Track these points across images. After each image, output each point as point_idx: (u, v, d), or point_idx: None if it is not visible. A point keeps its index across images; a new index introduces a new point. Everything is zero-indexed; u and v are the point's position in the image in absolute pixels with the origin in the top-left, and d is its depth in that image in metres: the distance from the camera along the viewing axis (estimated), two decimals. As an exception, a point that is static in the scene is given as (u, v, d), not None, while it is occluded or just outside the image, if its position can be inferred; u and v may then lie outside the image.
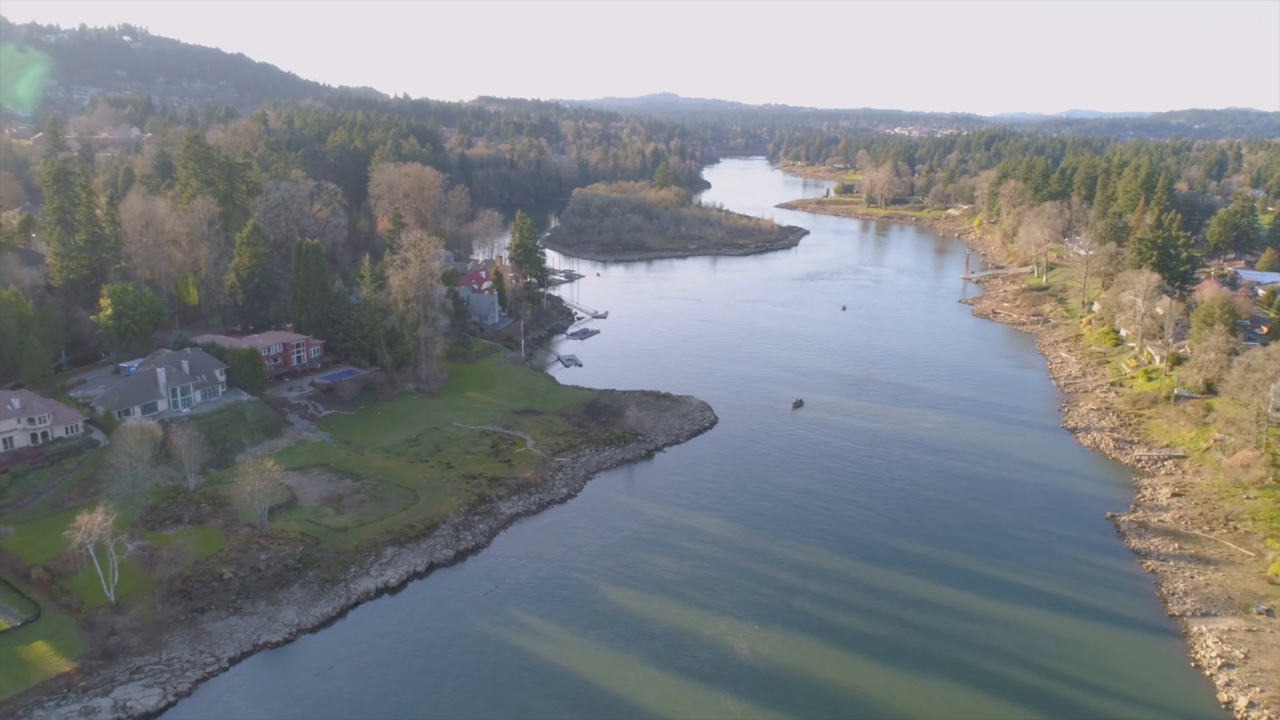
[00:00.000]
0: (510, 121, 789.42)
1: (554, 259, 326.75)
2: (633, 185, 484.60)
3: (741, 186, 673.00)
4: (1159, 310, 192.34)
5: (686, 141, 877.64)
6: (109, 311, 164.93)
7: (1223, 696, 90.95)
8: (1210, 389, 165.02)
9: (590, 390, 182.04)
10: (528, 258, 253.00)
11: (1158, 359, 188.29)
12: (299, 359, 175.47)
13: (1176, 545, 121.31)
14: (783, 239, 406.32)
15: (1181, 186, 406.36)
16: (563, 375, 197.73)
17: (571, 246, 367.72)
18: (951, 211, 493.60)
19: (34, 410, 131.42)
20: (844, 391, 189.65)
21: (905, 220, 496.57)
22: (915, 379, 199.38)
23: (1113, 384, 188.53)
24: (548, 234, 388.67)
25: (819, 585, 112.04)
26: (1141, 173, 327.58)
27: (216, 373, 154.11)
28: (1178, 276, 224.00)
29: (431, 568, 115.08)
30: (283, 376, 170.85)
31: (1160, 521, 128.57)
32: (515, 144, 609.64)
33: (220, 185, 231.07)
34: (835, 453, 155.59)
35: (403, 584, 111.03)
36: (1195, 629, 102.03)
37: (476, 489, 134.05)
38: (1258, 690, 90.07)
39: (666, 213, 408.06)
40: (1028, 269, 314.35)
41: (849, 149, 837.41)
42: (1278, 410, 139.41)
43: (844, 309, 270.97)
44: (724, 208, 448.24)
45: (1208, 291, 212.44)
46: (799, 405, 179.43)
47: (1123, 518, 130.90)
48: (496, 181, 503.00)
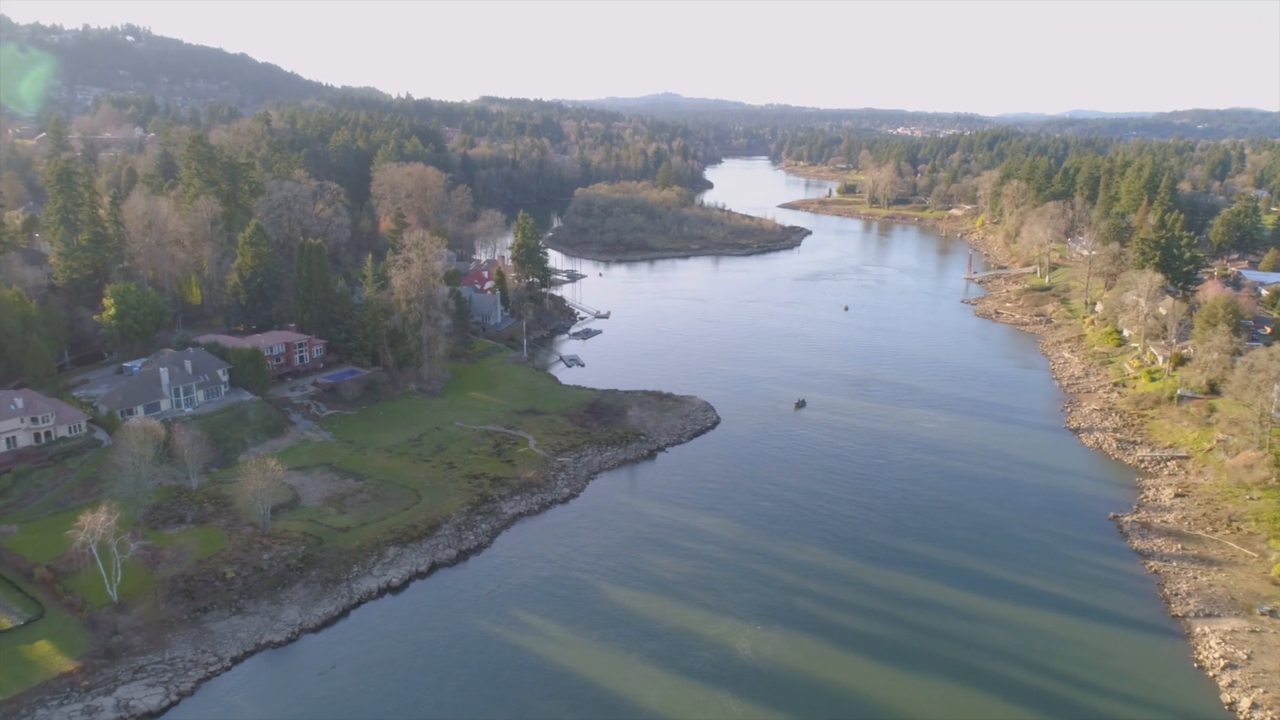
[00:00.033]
0: (513, 121, 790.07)
1: (556, 259, 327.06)
2: (635, 185, 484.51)
3: (744, 186, 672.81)
4: (1162, 310, 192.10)
5: (689, 141, 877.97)
6: (112, 311, 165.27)
7: (1226, 698, 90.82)
8: (1213, 389, 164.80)
9: (592, 390, 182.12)
10: (530, 258, 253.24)
11: (1161, 359, 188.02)
12: (301, 359, 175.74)
13: (1179, 546, 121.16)
14: (785, 239, 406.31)
15: (1185, 187, 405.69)
16: (565, 375, 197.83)
17: (574, 246, 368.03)
18: (954, 212, 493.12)
19: (37, 410, 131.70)
20: (846, 392, 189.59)
21: (908, 220, 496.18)
22: (917, 379, 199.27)
23: (1116, 384, 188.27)
24: (550, 234, 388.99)
25: (821, 585, 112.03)
26: (1145, 173, 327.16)
27: (219, 372, 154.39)
28: (1181, 277, 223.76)
29: (434, 567, 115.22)
30: (285, 376, 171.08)
31: (1163, 522, 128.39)
32: (518, 144, 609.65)
33: (223, 185, 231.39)
34: (837, 453, 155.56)
35: (405, 583, 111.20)
36: (1198, 630, 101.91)
37: (479, 489, 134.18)
38: (1261, 691, 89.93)
39: (669, 213, 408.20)
40: (1030, 269, 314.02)
41: (851, 149, 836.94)
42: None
43: (846, 309, 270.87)
44: (726, 208, 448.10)
45: (1211, 292, 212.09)
46: (801, 405, 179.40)
47: (1125, 518, 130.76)
48: (499, 181, 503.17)
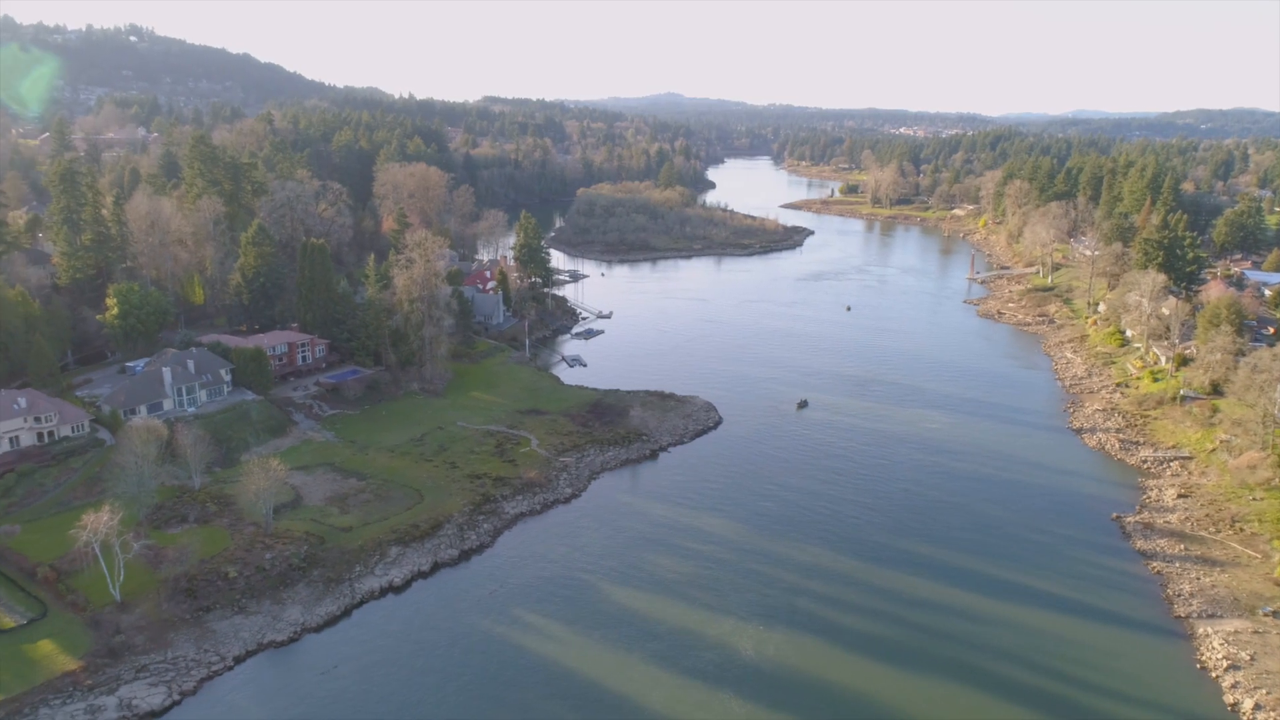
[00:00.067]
0: (515, 121, 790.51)
1: (559, 259, 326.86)
2: (637, 185, 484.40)
3: (746, 186, 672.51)
4: (1165, 311, 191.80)
5: (691, 141, 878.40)
6: (115, 311, 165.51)
7: (1228, 698, 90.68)
8: (1216, 390, 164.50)
9: (595, 390, 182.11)
10: (532, 258, 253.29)
11: (1163, 360, 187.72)
12: (304, 358, 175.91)
13: (1182, 547, 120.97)
14: (787, 239, 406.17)
15: (1188, 187, 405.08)
16: (567, 375, 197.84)
17: (576, 246, 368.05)
18: (957, 212, 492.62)
19: (40, 409, 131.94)
20: (848, 392, 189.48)
21: (910, 220, 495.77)
22: (920, 379, 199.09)
23: (1118, 385, 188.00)
24: (552, 234, 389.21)
25: (823, 586, 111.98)
26: (1148, 173, 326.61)
27: (222, 372, 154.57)
28: (1184, 277, 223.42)
29: (436, 567, 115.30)
30: (288, 376, 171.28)
31: (1166, 523, 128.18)
32: (520, 144, 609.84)
33: (226, 185, 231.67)
34: (840, 453, 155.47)
35: (407, 583, 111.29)
36: (1201, 630, 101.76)
37: (481, 489, 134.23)
38: (1264, 692, 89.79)
39: (671, 213, 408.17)
40: (1033, 269, 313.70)
41: (854, 149, 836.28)
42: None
43: (849, 309, 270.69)
44: (728, 208, 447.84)
45: (1214, 292, 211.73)
46: (803, 406, 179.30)
47: (1128, 519, 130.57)
48: (501, 181, 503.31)
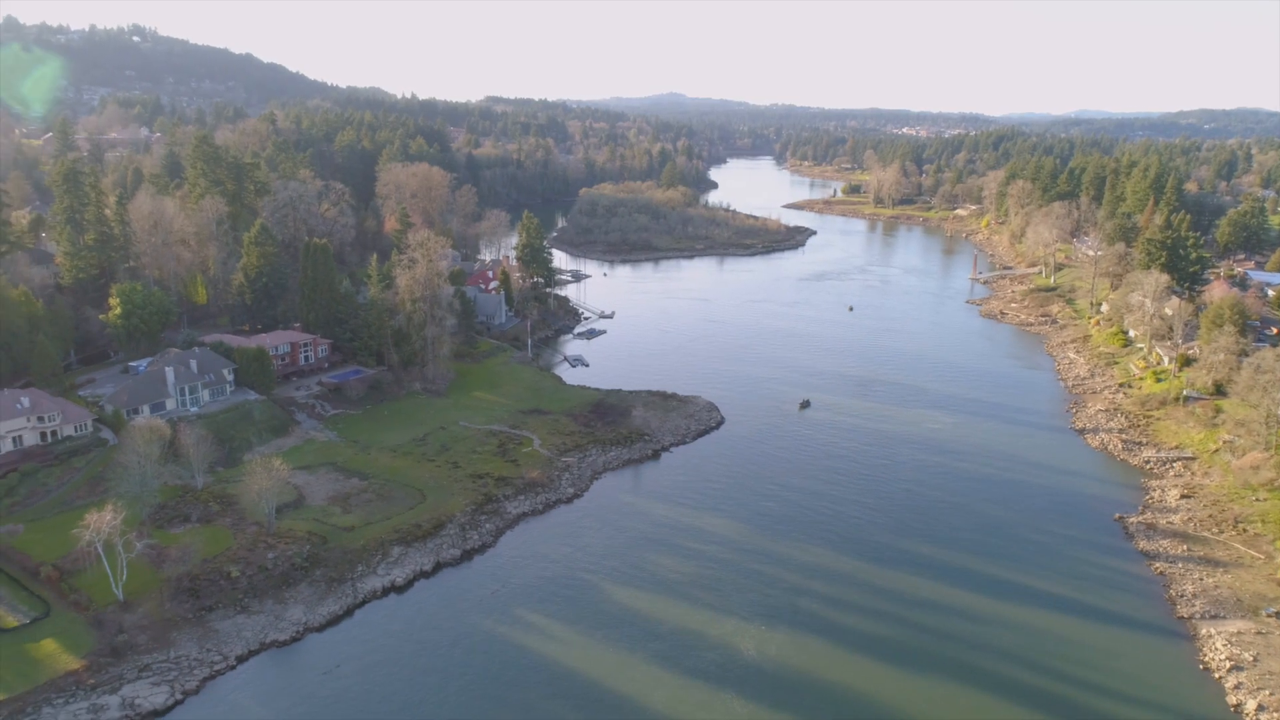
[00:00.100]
0: (517, 121, 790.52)
1: (561, 259, 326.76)
2: (639, 185, 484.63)
3: (748, 186, 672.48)
4: (1168, 311, 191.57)
5: (693, 141, 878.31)
6: (118, 311, 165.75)
7: (1231, 699, 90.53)
8: (1219, 390, 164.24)
9: (597, 390, 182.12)
10: (535, 258, 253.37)
11: (1166, 360, 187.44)
12: (306, 358, 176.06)
13: (1185, 547, 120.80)
14: (790, 239, 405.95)
15: (1191, 187, 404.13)
16: (569, 375, 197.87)
17: (578, 246, 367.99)
18: (959, 212, 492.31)
19: (43, 409, 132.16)
20: (851, 392, 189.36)
21: (913, 220, 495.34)
22: (922, 379, 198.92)
23: (1121, 385, 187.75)
24: (554, 234, 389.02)
25: (825, 586, 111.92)
26: (1150, 173, 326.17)
27: (224, 372, 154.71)
28: (1187, 277, 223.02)
29: (438, 567, 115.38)
30: (290, 376, 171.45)
31: (1169, 523, 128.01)
32: (522, 144, 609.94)
33: (228, 185, 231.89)
34: (842, 453, 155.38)
35: (409, 583, 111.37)
36: (1204, 631, 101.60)
37: (483, 488, 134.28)
38: (1267, 693, 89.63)
39: (673, 213, 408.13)
40: (1036, 269, 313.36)
41: (856, 149, 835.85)
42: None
43: (851, 309, 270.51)
44: (731, 208, 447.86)
45: (1217, 292, 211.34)
46: (806, 406, 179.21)
47: (1131, 519, 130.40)
48: (503, 181, 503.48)
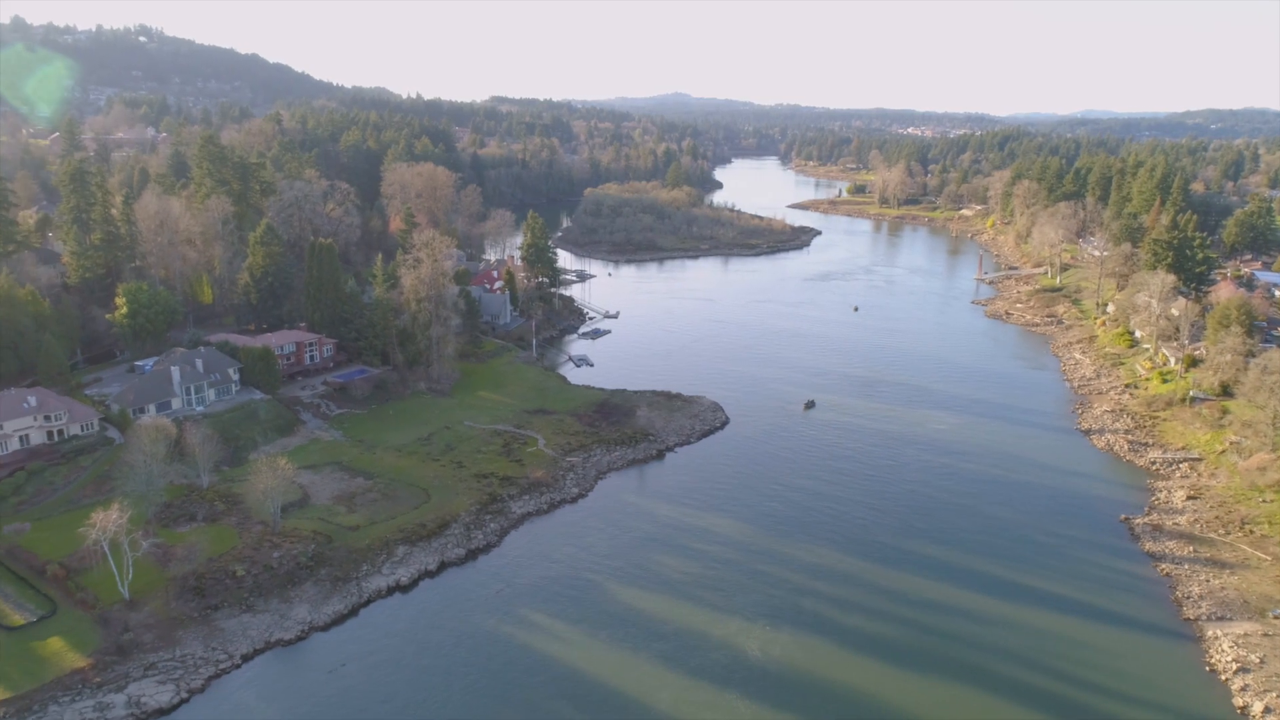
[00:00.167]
0: (522, 121, 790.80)
1: (566, 259, 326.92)
2: (644, 185, 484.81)
3: (753, 187, 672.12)
4: (1174, 311, 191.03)
5: (698, 141, 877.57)
6: (124, 310, 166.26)
7: (1238, 701, 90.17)
8: (1226, 391, 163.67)
9: (601, 390, 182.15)
10: (539, 257, 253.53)
11: (1173, 361, 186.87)
12: (312, 358, 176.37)
13: (1191, 548, 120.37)
14: (795, 239, 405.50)
15: (1197, 187, 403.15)
16: (574, 375, 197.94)
17: (583, 246, 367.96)
18: (965, 212, 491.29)
19: (50, 408, 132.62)
20: (856, 392, 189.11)
21: (918, 221, 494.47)
22: (927, 380, 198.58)
23: (1127, 386, 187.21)
24: (559, 234, 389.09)
25: (830, 587, 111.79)
26: (1157, 173, 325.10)
27: (230, 371, 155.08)
28: (1193, 278, 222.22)
29: (443, 566, 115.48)
30: (295, 375, 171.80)
31: (1175, 524, 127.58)
32: (527, 144, 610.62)
33: (234, 185, 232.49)
34: (847, 454, 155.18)
35: (414, 582, 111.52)
36: (1210, 633, 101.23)
37: (488, 488, 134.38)
38: (1274, 695, 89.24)
39: (678, 213, 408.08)
40: (1041, 270, 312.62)
41: (861, 149, 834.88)
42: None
43: (856, 309, 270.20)
44: (736, 208, 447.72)
45: (1224, 293, 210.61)
46: (810, 406, 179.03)
47: (1137, 520, 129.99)
48: (508, 181, 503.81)
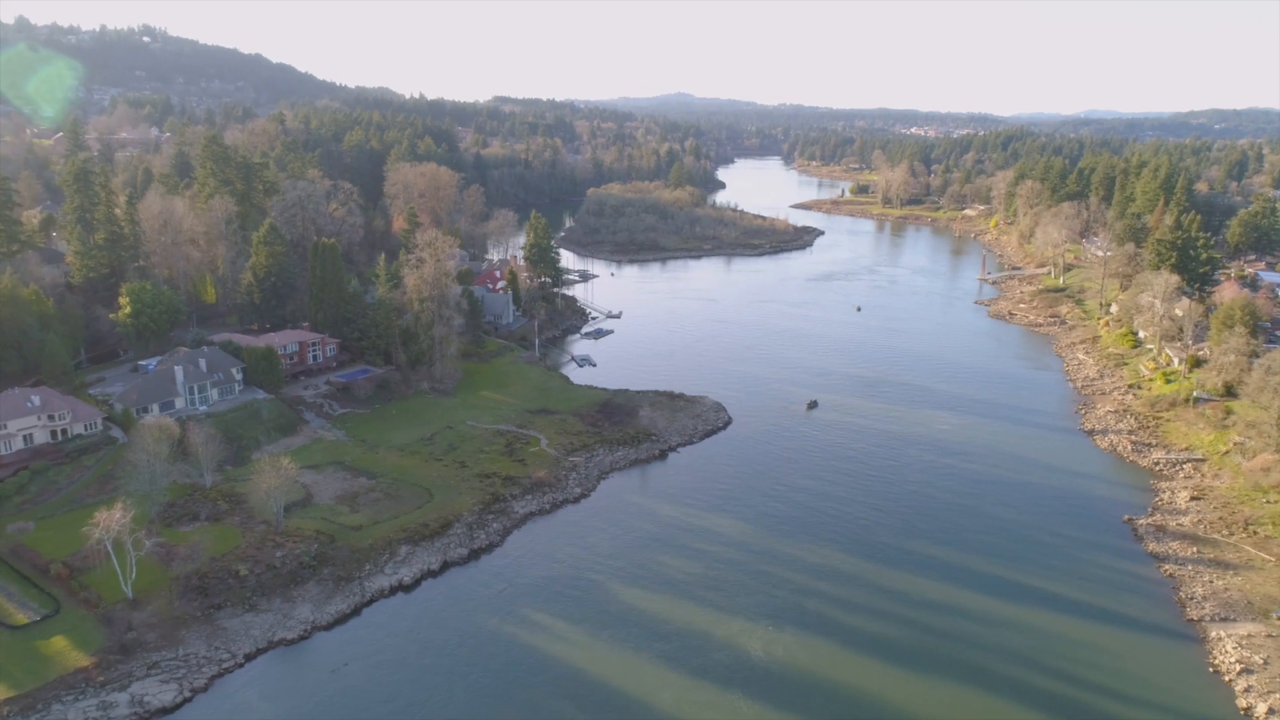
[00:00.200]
0: (525, 121, 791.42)
1: (568, 259, 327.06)
2: (647, 185, 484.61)
3: (756, 187, 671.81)
4: (1178, 312, 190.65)
5: (701, 141, 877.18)
6: (127, 310, 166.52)
7: (1241, 702, 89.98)
8: (1230, 392, 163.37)
9: (604, 390, 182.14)
10: (542, 257, 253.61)
11: (1176, 361, 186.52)
12: (315, 358, 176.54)
13: (1195, 549, 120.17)
14: (797, 239, 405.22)
15: (1201, 187, 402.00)
16: (577, 375, 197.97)
17: (586, 246, 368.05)
18: (968, 212, 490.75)
19: (54, 407, 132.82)
20: (859, 392, 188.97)
21: (921, 221, 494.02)
22: (930, 380, 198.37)
23: (1131, 386, 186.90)
24: (562, 234, 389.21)
25: (832, 587, 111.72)
26: (1161, 173, 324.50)
27: (233, 371, 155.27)
28: (1197, 278, 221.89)
29: (445, 566, 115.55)
30: (299, 375, 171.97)
31: (1178, 525, 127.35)
32: (530, 144, 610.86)
33: (238, 185, 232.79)
34: (850, 454, 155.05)
35: (417, 582, 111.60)
36: (1214, 634, 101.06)
37: (490, 488, 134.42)
38: (1277, 696, 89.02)
39: (681, 213, 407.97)
40: (1045, 270, 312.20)
41: (864, 149, 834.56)
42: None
43: (859, 310, 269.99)
44: (738, 208, 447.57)
45: (1228, 293, 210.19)
46: (813, 406, 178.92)
47: (1140, 521, 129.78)
48: (511, 181, 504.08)
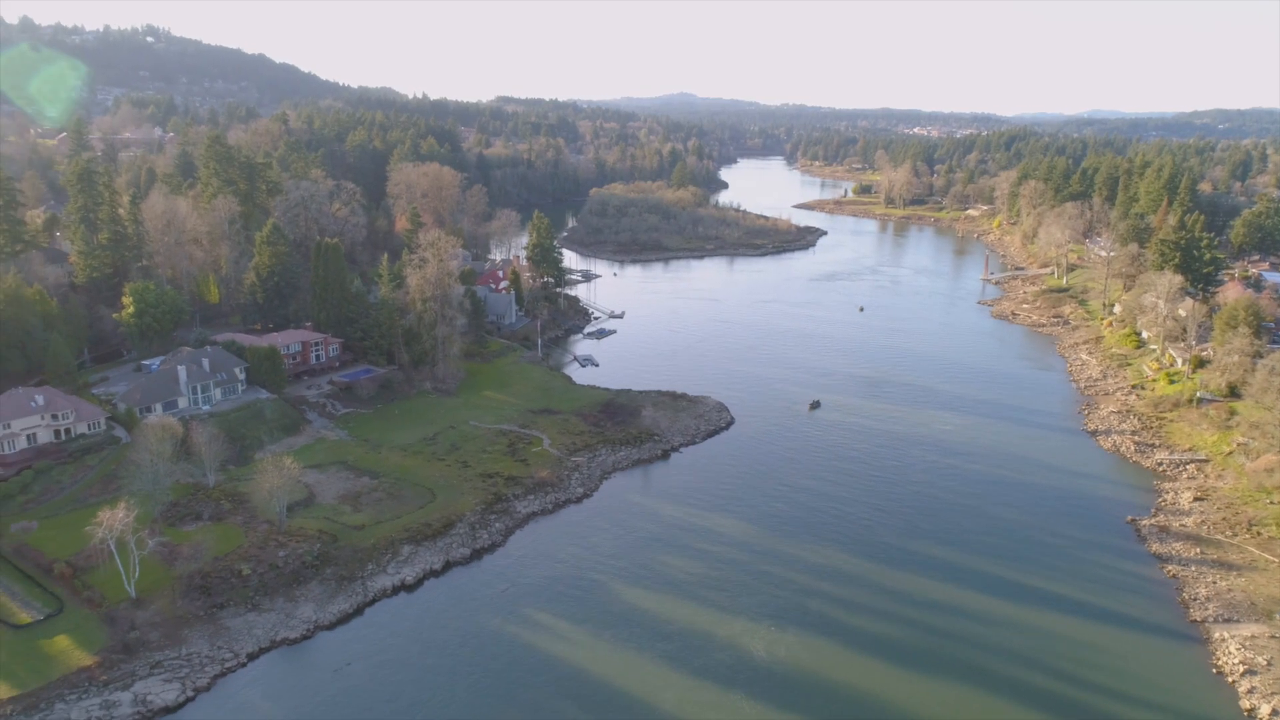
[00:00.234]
0: (528, 121, 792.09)
1: (571, 259, 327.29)
2: (650, 185, 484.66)
3: (759, 187, 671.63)
4: (1181, 312, 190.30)
5: (704, 141, 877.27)
6: (131, 309, 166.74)
7: (1245, 704, 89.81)
8: (1233, 392, 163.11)
9: (606, 390, 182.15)
10: (545, 257, 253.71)
11: (1180, 362, 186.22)
12: (317, 357, 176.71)
13: (1198, 550, 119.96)
14: (800, 239, 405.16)
15: (1205, 187, 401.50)
16: (579, 375, 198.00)
17: (589, 246, 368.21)
18: (971, 212, 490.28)
19: (57, 407, 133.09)
20: (861, 393, 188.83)
21: (924, 221, 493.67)
22: (933, 380, 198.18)
23: (1134, 387, 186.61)
24: (565, 234, 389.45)
25: (835, 587, 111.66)
26: (1164, 173, 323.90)
27: (236, 371, 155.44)
28: (1201, 278, 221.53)
29: (448, 566, 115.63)
30: (301, 375, 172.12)
31: (1182, 526, 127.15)
32: (533, 144, 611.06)
33: (241, 185, 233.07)
34: (852, 454, 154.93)
35: (419, 582, 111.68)
36: (1217, 635, 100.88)
37: (493, 488, 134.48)
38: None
39: (684, 213, 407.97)
40: (1048, 270, 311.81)
41: (867, 149, 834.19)
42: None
43: (861, 310, 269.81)
44: (741, 208, 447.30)
45: (1231, 293, 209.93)
46: (816, 406, 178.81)
47: (1143, 522, 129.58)
48: (514, 181, 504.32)
